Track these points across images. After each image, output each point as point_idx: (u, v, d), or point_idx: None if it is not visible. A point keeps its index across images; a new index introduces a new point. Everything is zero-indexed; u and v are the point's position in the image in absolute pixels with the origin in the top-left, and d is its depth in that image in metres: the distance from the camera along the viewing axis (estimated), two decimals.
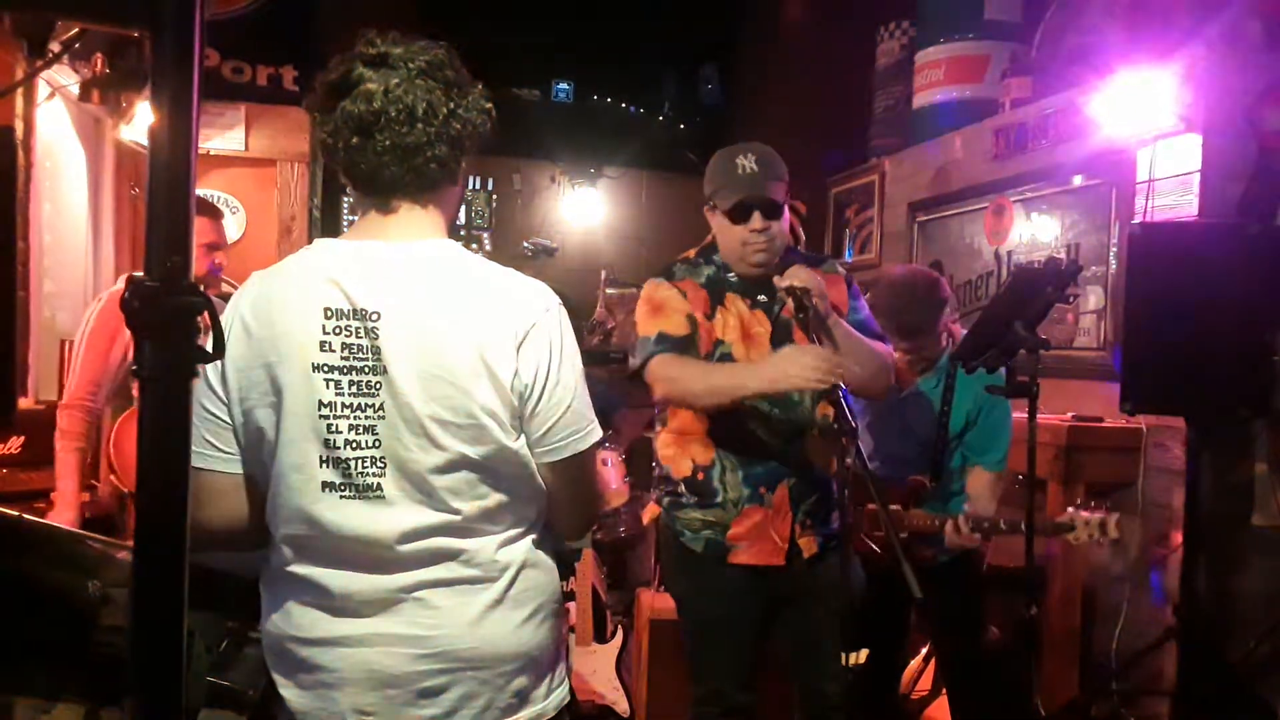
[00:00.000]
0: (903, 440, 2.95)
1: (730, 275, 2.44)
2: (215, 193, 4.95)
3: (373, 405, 1.40)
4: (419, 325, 1.40)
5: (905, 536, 2.86)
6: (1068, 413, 3.59)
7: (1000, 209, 4.37)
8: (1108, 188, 3.74)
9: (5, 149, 1.05)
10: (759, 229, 2.34)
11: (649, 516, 2.72)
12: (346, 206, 5.90)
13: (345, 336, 1.39)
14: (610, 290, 5.74)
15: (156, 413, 0.86)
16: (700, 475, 2.43)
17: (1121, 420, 3.40)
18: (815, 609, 2.42)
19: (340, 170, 1.48)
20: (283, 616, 1.48)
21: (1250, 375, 2.90)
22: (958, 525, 2.74)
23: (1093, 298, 3.83)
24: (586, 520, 1.73)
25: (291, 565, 1.47)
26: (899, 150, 5.32)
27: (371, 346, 1.39)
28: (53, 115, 3.98)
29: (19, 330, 3.40)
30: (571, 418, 1.49)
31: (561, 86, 6.41)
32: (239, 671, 1.62)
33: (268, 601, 1.52)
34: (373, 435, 1.40)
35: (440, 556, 1.45)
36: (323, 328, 1.39)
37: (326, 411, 1.40)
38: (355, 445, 1.40)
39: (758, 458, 2.40)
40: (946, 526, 2.76)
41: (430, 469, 1.41)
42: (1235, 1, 3.36)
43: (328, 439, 1.40)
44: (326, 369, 1.39)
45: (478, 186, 6.23)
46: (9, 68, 3.21)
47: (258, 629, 1.76)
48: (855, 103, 5.75)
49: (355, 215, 6.35)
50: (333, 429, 1.40)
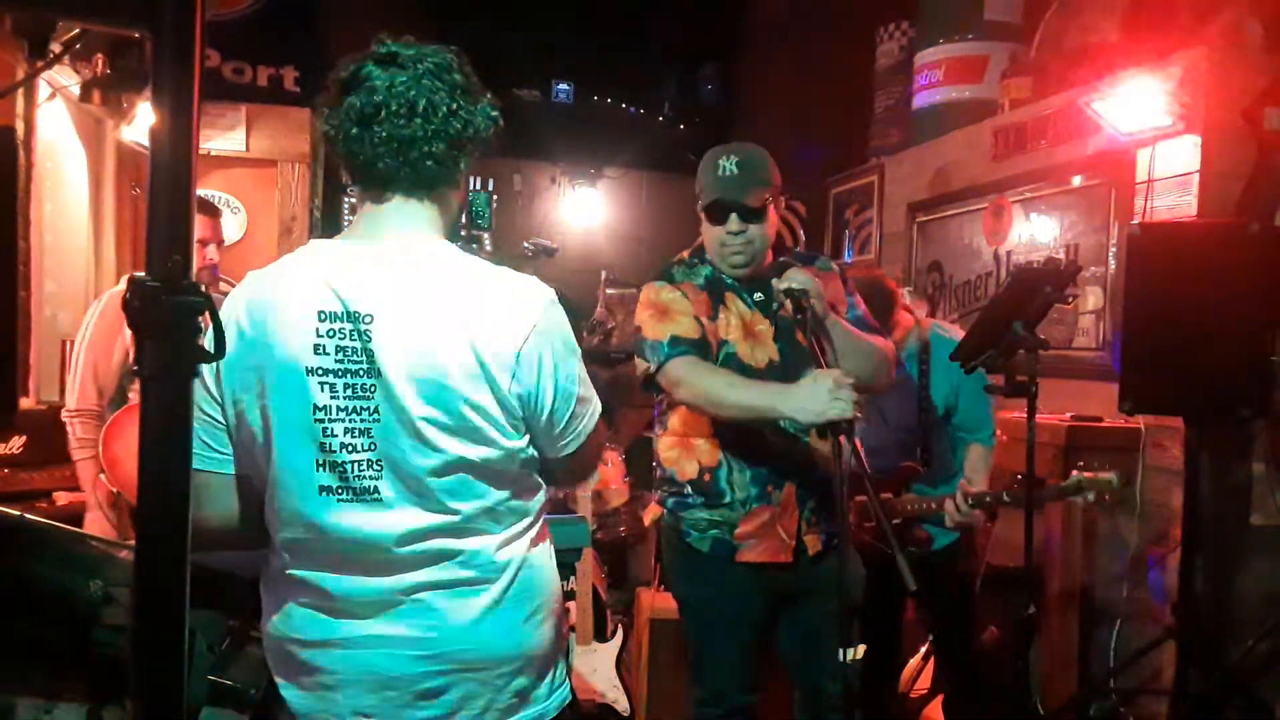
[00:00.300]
0: (881, 430, 2.98)
1: (725, 275, 2.44)
2: (216, 193, 4.96)
3: (368, 408, 1.40)
4: (412, 327, 1.39)
5: (899, 522, 2.88)
6: (1067, 413, 3.59)
7: (999, 209, 4.37)
8: (1107, 188, 3.74)
9: (6, 149, 1.05)
10: (734, 231, 2.34)
11: (650, 517, 2.72)
12: (347, 207, 5.90)
13: (339, 339, 1.39)
14: (610, 290, 5.74)
15: (157, 412, 0.86)
16: (707, 477, 2.42)
17: (1120, 420, 3.41)
18: (818, 607, 2.42)
19: (341, 161, 1.49)
20: (283, 619, 1.49)
21: (1249, 375, 2.90)
22: (957, 504, 2.78)
23: (1092, 298, 3.83)
24: (583, 478, 1.83)
25: (291, 568, 1.47)
26: (898, 150, 5.33)
27: (365, 349, 1.39)
28: (53, 116, 3.98)
29: (20, 330, 3.40)
30: (580, 409, 1.53)
31: (561, 87, 6.42)
32: (240, 670, 1.62)
33: (268, 604, 1.52)
34: (368, 438, 1.40)
35: (439, 558, 1.44)
36: (316, 331, 1.39)
37: (321, 415, 1.39)
38: (351, 449, 1.40)
39: (764, 457, 2.40)
40: (946, 505, 2.80)
41: (427, 471, 1.41)
42: (1235, 1, 3.36)
43: (323, 442, 1.40)
44: (321, 372, 1.39)
45: (478, 187, 6.23)
46: (10, 68, 3.21)
47: (259, 628, 1.76)
48: (855, 103, 5.75)
49: (355, 216, 6.28)
50: (328, 432, 1.40)
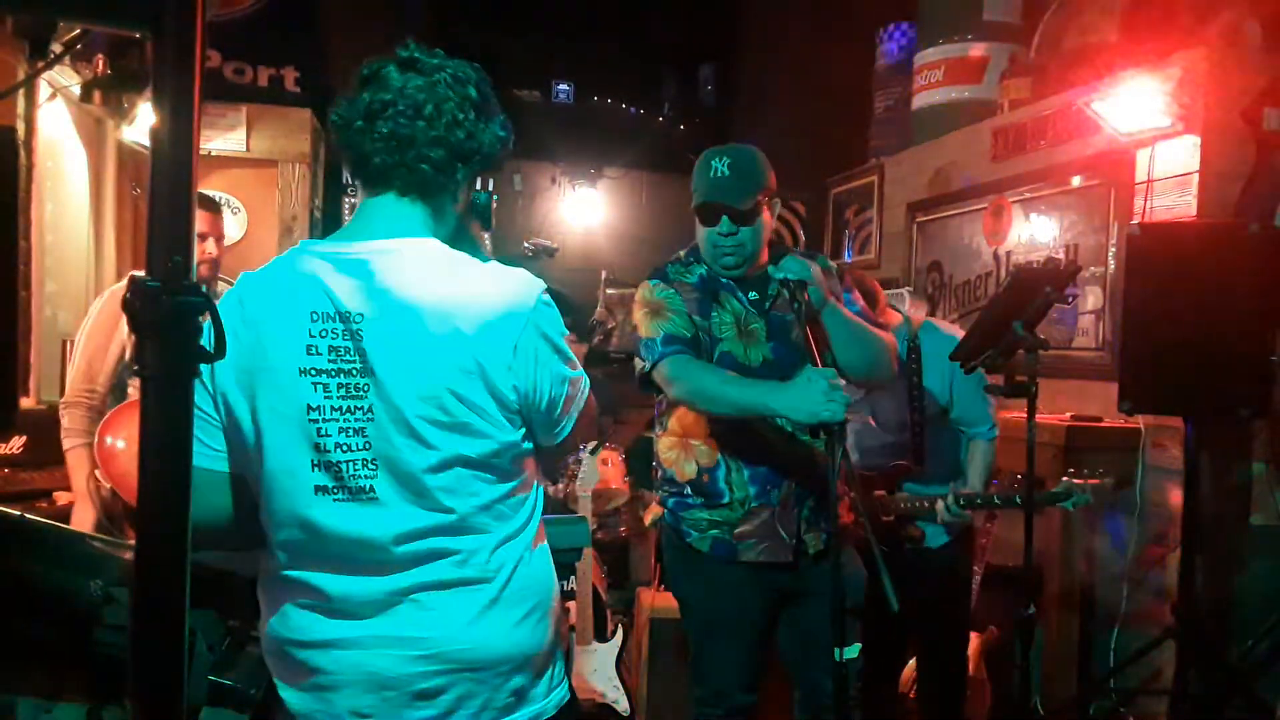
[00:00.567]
0: (873, 430, 2.99)
1: (720, 275, 2.44)
2: (217, 193, 4.96)
3: (361, 407, 1.40)
4: (403, 326, 1.39)
5: (892, 519, 2.88)
6: (1067, 413, 3.59)
7: (999, 209, 4.38)
8: (1106, 188, 3.75)
9: (7, 149, 1.05)
10: (725, 233, 2.34)
11: (650, 516, 2.72)
12: (347, 207, 5.90)
13: (331, 339, 1.39)
14: (610, 290, 5.74)
15: (157, 412, 0.86)
16: (705, 477, 2.43)
17: (1120, 420, 3.41)
18: (819, 607, 2.41)
19: (342, 155, 1.53)
20: (280, 620, 1.49)
21: (1249, 375, 2.90)
22: (947, 504, 2.81)
23: (1091, 298, 3.83)
24: (579, 446, 1.80)
25: (287, 569, 1.47)
26: (898, 151, 5.33)
27: (357, 348, 1.39)
28: (54, 116, 3.98)
29: (20, 330, 3.40)
30: (572, 391, 1.53)
31: (562, 87, 6.42)
32: (241, 670, 1.61)
33: (265, 605, 1.52)
34: (363, 437, 1.40)
35: (435, 557, 1.44)
36: (309, 331, 1.40)
37: (315, 415, 1.39)
38: (346, 448, 1.40)
39: (762, 457, 2.40)
40: (937, 506, 2.81)
41: (423, 469, 1.41)
42: (1235, 2, 3.36)
43: (318, 442, 1.40)
44: (314, 372, 1.39)
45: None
46: (10, 69, 3.21)
47: (259, 628, 1.76)
48: (855, 103, 5.75)
49: None
50: (322, 432, 1.40)
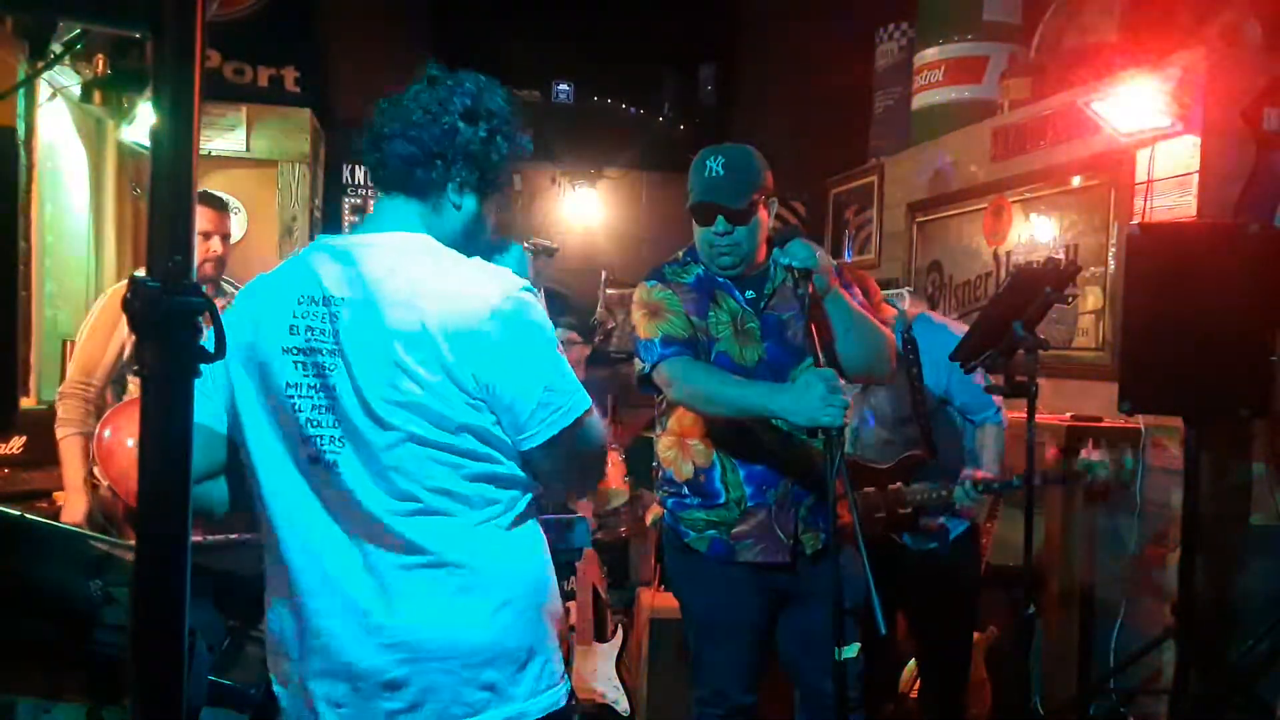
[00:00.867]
0: (879, 425, 2.99)
1: (716, 274, 2.44)
2: (217, 194, 4.96)
3: (329, 386, 1.45)
4: (374, 309, 1.43)
5: (908, 512, 2.89)
6: (1067, 413, 3.59)
7: (999, 210, 4.38)
8: (1106, 188, 3.74)
9: (7, 149, 1.05)
10: (720, 233, 2.35)
11: (651, 516, 2.72)
12: (347, 207, 5.91)
13: (310, 320, 1.46)
14: (610, 290, 5.74)
15: (157, 412, 0.86)
16: (702, 477, 2.43)
17: (1120, 420, 3.41)
18: (818, 607, 2.41)
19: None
20: (273, 614, 1.52)
21: (1249, 375, 2.90)
22: (965, 490, 2.83)
23: (1091, 298, 3.83)
24: (584, 485, 1.71)
25: (272, 555, 1.50)
26: (898, 151, 5.33)
27: (332, 330, 1.45)
28: (54, 116, 3.98)
29: (20, 330, 3.40)
30: (546, 397, 1.46)
31: (562, 87, 6.41)
32: (240, 670, 1.62)
33: (265, 603, 1.55)
34: (332, 415, 1.45)
35: (400, 540, 1.44)
36: (293, 313, 1.47)
37: (292, 392, 1.46)
38: (316, 424, 1.45)
39: (758, 457, 2.40)
40: (955, 493, 2.82)
41: (381, 447, 1.43)
42: (1235, 1, 3.36)
43: (295, 418, 1.46)
44: (294, 351, 1.46)
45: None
46: (10, 69, 3.22)
47: (259, 628, 1.76)
48: (855, 103, 5.75)
49: (356, 217, 6.33)
50: (296, 409, 1.45)
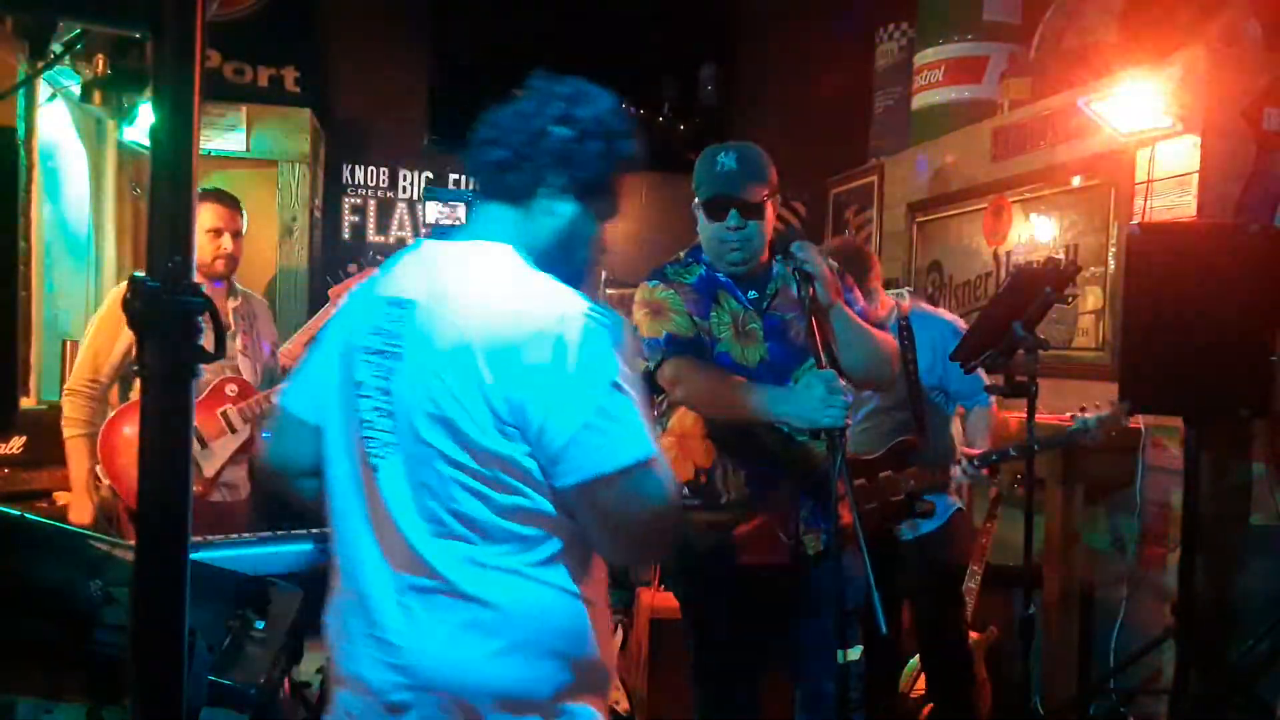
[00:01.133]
0: (873, 414, 3.00)
1: (719, 274, 2.44)
2: None
3: (389, 391, 1.43)
4: (433, 317, 1.41)
5: (900, 499, 2.90)
6: (1067, 413, 3.59)
7: (999, 210, 4.37)
8: (1106, 188, 3.74)
9: (7, 149, 1.06)
10: (733, 228, 2.35)
11: None
12: (347, 207, 5.91)
13: (386, 321, 1.45)
14: (610, 290, 5.74)
15: (157, 412, 0.87)
16: (703, 478, 2.43)
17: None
18: (819, 609, 2.42)
19: None
20: (329, 604, 1.54)
21: (1249, 375, 2.90)
22: (962, 467, 2.88)
23: (1091, 298, 3.83)
24: (632, 554, 1.49)
25: (336, 556, 1.51)
26: (898, 151, 5.33)
27: (399, 334, 1.44)
28: (54, 116, 3.99)
29: (21, 330, 3.40)
30: (585, 435, 1.32)
31: None
32: (240, 670, 1.62)
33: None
34: (389, 420, 1.43)
35: (419, 561, 1.40)
36: (375, 314, 1.47)
37: (359, 390, 1.45)
38: (371, 425, 1.44)
39: (760, 458, 2.40)
40: (952, 471, 2.84)
41: (417, 462, 1.40)
42: (1235, 1, 3.36)
43: (356, 417, 1.45)
44: (368, 351, 1.46)
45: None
46: (11, 69, 3.22)
47: (259, 628, 1.76)
48: (855, 103, 5.75)
49: (356, 217, 6.28)
50: (359, 408, 1.45)
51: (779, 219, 2.55)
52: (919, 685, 3.47)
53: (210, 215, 3.15)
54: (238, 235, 3.25)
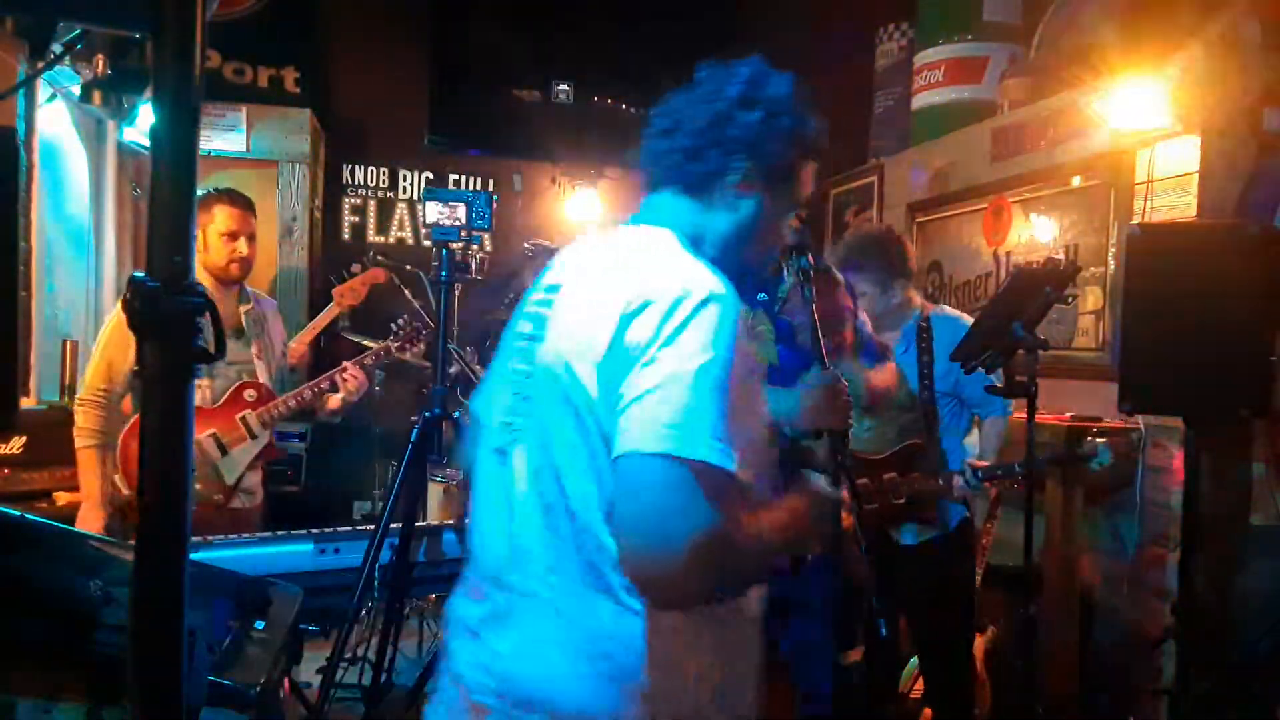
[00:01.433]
0: (881, 418, 3.00)
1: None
2: None
3: (527, 374, 1.39)
4: (571, 301, 1.38)
5: (903, 502, 2.90)
6: (1067, 413, 3.59)
7: (999, 210, 4.38)
8: (1106, 188, 3.75)
9: (7, 149, 1.06)
10: None
11: None
12: (347, 207, 5.91)
13: (536, 308, 1.44)
14: None
15: (157, 412, 0.86)
16: None
17: (1120, 420, 3.41)
18: (820, 611, 2.42)
19: None
20: (452, 596, 1.53)
21: (1249, 375, 2.89)
22: (965, 479, 2.86)
23: (1091, 298, 3.83)
24: (637, 549, 1.19)
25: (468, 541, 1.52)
26: (898, 151, 5.33)
27: (543, 318, 1.41)
28: (54, 116, 3.99)
29: (21, 330, 3.40)
30: (651, 407, 1.18)
31: (562, 87, 6.41)
32: (240, 670, 1.62)
33: None
34: (525, 404, 1.38)
35: (515, 553, 1.36)
36: (532, 299, 1.46)
37: (506, 373, 1.45)
38: (505, 409, 1.42)
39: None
40: (955, 481, 2.82)
41: (541, 447, 1.35)
42: (1235, 1, 3.36)
43: (499, 399, 1.44)
44: (518, 334, 1.46)
45: (478, 187, 6.24)
46: (10, 69, 3.22)
47: (259, 628, 1.76)
48: (855, 103, 5.75)
49: (356, 217, 6.29)
50: (501, 391, 1.44)
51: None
52: (919, 686, 3.47)
53: (225, 218, 3.11)
54: (252, 239, 3.19)
